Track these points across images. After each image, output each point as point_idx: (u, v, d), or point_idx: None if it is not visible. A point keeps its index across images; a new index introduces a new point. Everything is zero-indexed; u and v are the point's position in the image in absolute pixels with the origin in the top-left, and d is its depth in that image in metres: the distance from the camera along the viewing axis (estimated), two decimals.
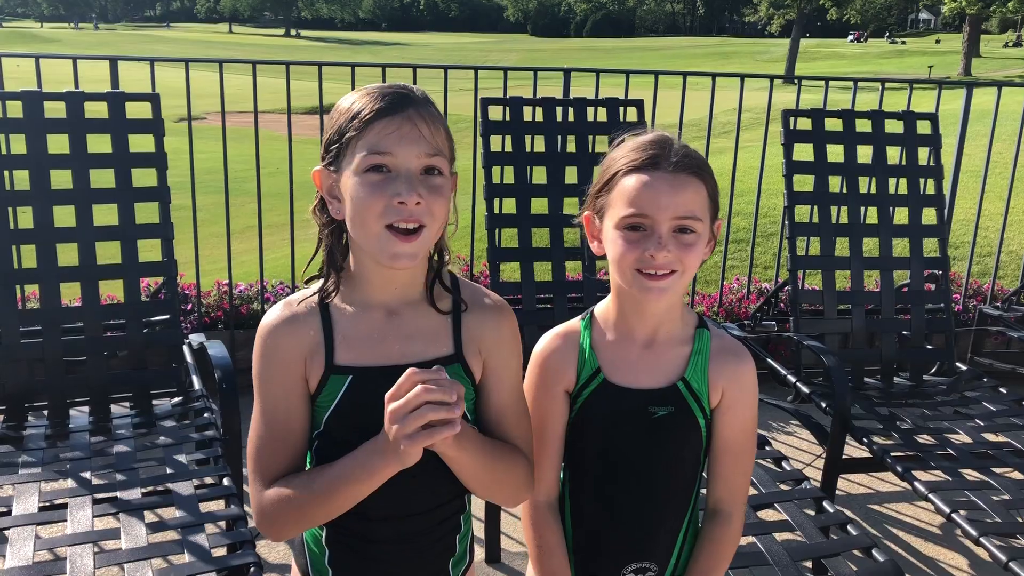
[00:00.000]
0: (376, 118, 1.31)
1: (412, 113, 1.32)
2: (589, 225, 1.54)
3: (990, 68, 40.29)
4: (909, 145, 3.81)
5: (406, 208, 1.30)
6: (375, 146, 1.31)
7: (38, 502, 2.34)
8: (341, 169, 1.35)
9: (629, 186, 1.43)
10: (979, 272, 5.59)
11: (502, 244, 3.53)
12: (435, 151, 1.33)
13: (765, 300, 4.38)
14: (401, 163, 1.31)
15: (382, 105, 1.32)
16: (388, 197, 1.30)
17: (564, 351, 1.56)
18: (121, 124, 3.19)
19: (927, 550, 3.19)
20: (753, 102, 5.11)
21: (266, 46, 74.39)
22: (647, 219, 1.41)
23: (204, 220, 4.20)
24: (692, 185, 1.43)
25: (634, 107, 3.77)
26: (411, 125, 1.31)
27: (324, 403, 1.38)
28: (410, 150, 1.31)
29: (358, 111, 1.33)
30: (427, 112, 1.34)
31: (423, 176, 1.33)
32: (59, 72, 3.75)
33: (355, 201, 1.33)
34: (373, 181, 1.31)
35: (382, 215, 1.31)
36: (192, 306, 4.22)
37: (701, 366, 1.52)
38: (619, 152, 1.49)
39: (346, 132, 1.33)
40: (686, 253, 1.42)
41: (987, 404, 3.33)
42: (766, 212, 6.49)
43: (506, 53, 66.49)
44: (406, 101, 1.33)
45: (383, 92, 1.34)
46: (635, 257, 1.42)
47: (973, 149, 4.87)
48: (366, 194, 1.31)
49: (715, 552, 1.58)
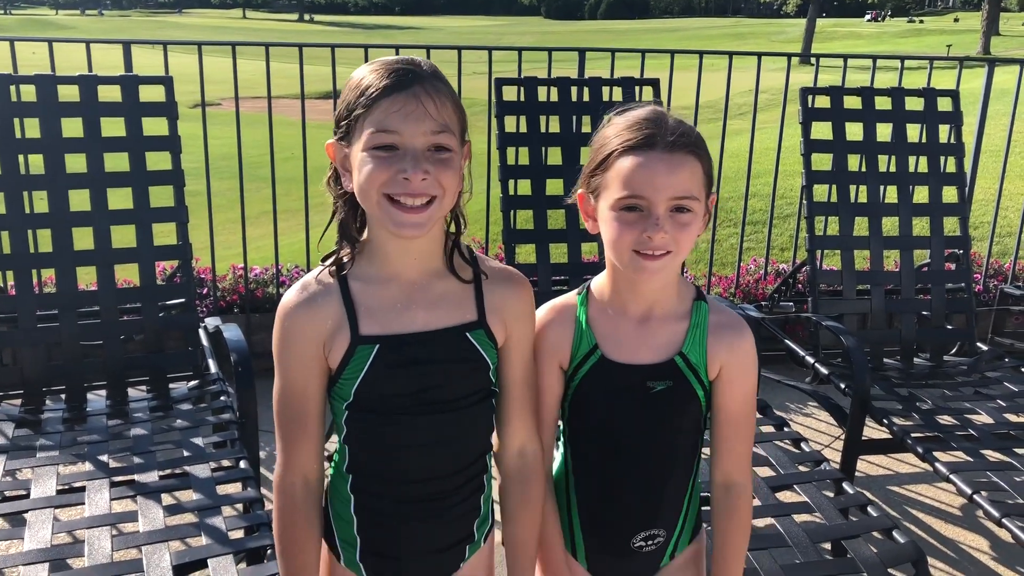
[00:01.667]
0: (382, 96, 1.31)
1: (418, 90, 1.32)
2: (583, 204, 1.53)
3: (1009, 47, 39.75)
4: (930, 122, 3.76)
5: (410, 184, 1.32)
6: (381, 124, 1.31)
7: (56, 485, 2.35)
8: (351, 143, 1.36)
9: (624, 167, 1.41)
10: (999, 252, 5.52)
11: (517, 226, 3.52)
12: (441, 127, 1.33)
13: (783, 281, 4.35)
14: (407, 141, 1.32)
15: (388, 82, 1.32)
16: (393, 171, 1.32)
17: (560, 325, 1.56)
18: (135, 108, 3.18)
19: (948, 532, 3.16)
20: (769, 83, 5.06)
21: (280, 31, 74.37)
22: (643, 200, 1.40)
23: (219, 206, 4.20)
24: (688, 164, 1.41)
25: (650, 87, 3.73)
26: (416, 103, 1.31)
27: (352, 374, 1.40)
28: (416, 128, 1.31)
29: (366, 87, 1.33)
30: (434, 88, 1.34)
31: (430, 152, 1.33)
32: (73, 59, 3.75)
33: (361, 175, 1.34)
34: (379, 157, 1.32)
35: (384, 185, 1.33)
36: (208, 290, 4.22)
37: (699, 340, 1.52)
38: (612, 130, 1.46)
39: (354, 109, 1.34)
40: (682, 232, 1.41)
41: (1008, 384, 3.28)
42: (783, 194, 6.44)
43: (520, 36, 66.21)
44: (413, 77, 1.33)
45: (390, 68, 1.34)
46: (632, 239, 1.40)
47: (993, 128, 4.80)
48: (371, 168, 1.33)
49: (738, 523, 1.59)
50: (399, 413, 1.41)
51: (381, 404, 1.40)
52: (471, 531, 1.55)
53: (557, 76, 3.69)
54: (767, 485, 2.47)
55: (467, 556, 1.56)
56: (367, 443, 1.45)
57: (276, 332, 1.43)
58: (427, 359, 1.41)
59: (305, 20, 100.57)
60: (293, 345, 1.41)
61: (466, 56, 4.28)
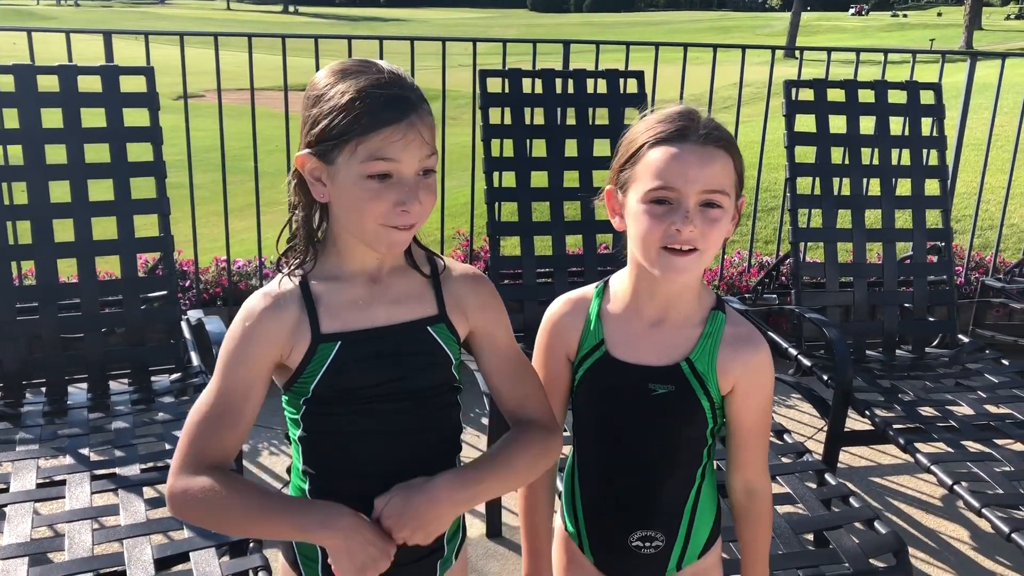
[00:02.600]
0: (381, 126, 1.30)
1: (415, 119, 1.32)
2: (611, 200, 1.50)
3: (992, 41, 40.01)
4: (912, 115, 3.78)
5: (408, 216, 1.33)
6: (379, 153, 1.30)
7: (36, 479, 2.33)
8: (334, 163, 1.33)
9: (656, 158, 1.38)
10: (981, 245, 5.56)
11: (502, 218, 3.51)
12: (432, 151, 1.35)
13: (766, 273, 4.36)
14: (404, 169, 1.32)
15: (387, 114, 1.30)
16: (391, 204, 1.32)
17: (571, 317, 1.55)
18: (115, 98, 3.15)
19: (929, 522, 3.19)
20: (754, 76, 5.06)
21: (264, 23, 73.92)
22: (674, 192, 1.37)
23: (204, 198, 4.17)
24: (720, 158, 1.38)
25: (634, 79, 3.72)
26: (415, 133, 1.31)
27: (312, 372, 1.38)
28: (413, 156, 1.32)
29: (360, 112, 1.30)
30: (425, 111, 1.34)
31: (420, 177, 1.34)
32: (54, 50, 3.71)
33: (355, 202, 1.33)
34: (376, 187, 1.31)
35: (383, 217, 1.32)
36: (191, 283, 4.20)
37: (709, 349, 1.49)
38: (643, 125, 1.44)
39: (346, 133, 1.30)
40: (711, 229, 1.37)
41: (989, 376, 3.31)
42: (767, 186, 6.46)
43: (506, 28, 66.05)
44: (407, 106, 1.32)
45: (381, 93, 1.31)
46: (661, 232, 1.37)
47: (975, 122, 4.83)
48: (368, 199, 1.31)
49: (762, 527, 1.62)
50: (359, 403, 1.40)
51: (340, 397, 1.39)
52: (440, 543, 1.50)
53: (542, 68, 3.69)
54: None
55: (439, 574, 1.52)
56: (324, 438, 1.43)
57: (235, 334, 1.39)
58: (388, 352, 1.41)
59: (290, 11, 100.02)
60: (252, 346, 1.38)
61: (451, 48, 4.27)
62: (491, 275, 3.47)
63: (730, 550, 1.92)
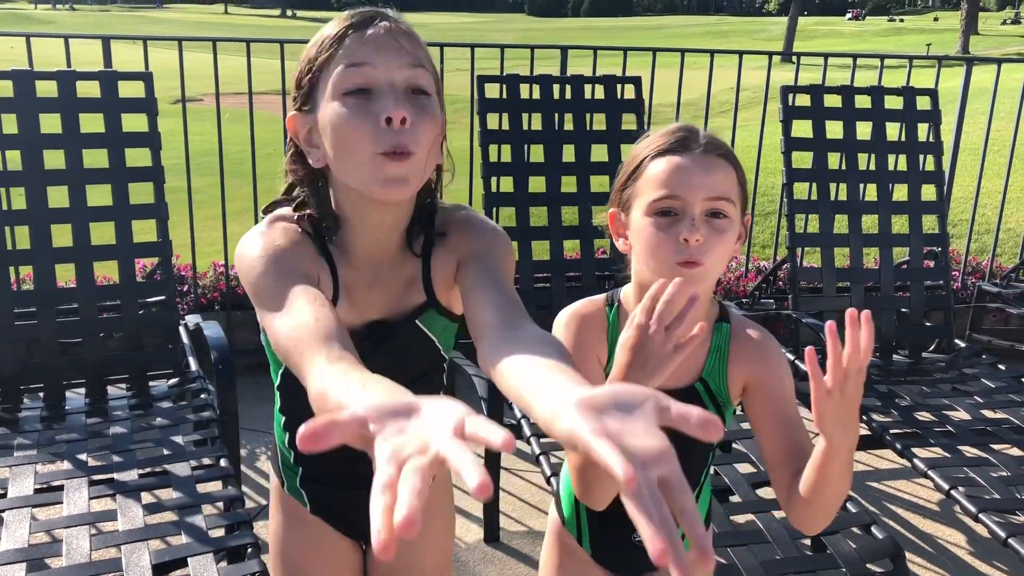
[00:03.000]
0: (348, 32, 1.19)
1: (388, 24, 1.20)
2: (614, 222, 1.47)
3: (988, 46, 40.09)
4: (909, 121, 3.78)
5: (394, 128, 1.16)
6: (351, 59, 1.17)
7: (33, 484, 2.33)
8: (317, 105, 1.21)
9: (658, 169, 1.37)
10: (977, 249, 5.57)
11: (499, 223, 3.50)
12: (417, 62, 1.20)
13: (763, 278, 4.37)
14: (382, 75, 1.17)
15: (354, 20, 1.20)
16: (373, 117, 1.16)
17: (598, 327, 1.49)
18: (114, 103, 3.15)
19: (926, 527, 3.19)
20: (751, 81, 5.07)
21: (262, 26, 73.91)
22: (678, 200, 1.35)
23: (202, 202, 4.17)
24: (723, 166, 1.38)
25: (632, 84, 3.73)
26: (389, 35, 1.19)
27: None
28: (390, 59, 1.18)
29: (326, 35, 1.21)
30: (404, 25, 1.22)
31: (408, 96, 1.19)
32: (53, 55, 3.72)
33: (337, 130, 1.18)
34: (354, 103, 1.17)
35: (372, 140, 1.16)
36: (189, 287, 4.20)
37: (719, 365, 1.49)
38: (643, 143, 1.43)
39: (316, 59, 1.20)
40: (717, 240, 1.34)
41: (986, 381, 3.32)
42: (764, 191, 6.47)
43: (503, 33, 66.12)
44: (379, 14, 1.22)
45: (352, 12, 1.23)
46: (671, 247, 1.33)
47: (972, 127, 4.84)
48: (348, 118, 1.17)
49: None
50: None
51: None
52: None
53: (539, 74, 3.69)
54: (747, 482, 2.49)
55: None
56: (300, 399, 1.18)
57: (265, 263, 1.23)
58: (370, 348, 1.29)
59: (287, 15, 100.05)
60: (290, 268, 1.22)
61: (449, 53, 4.28)
62: None
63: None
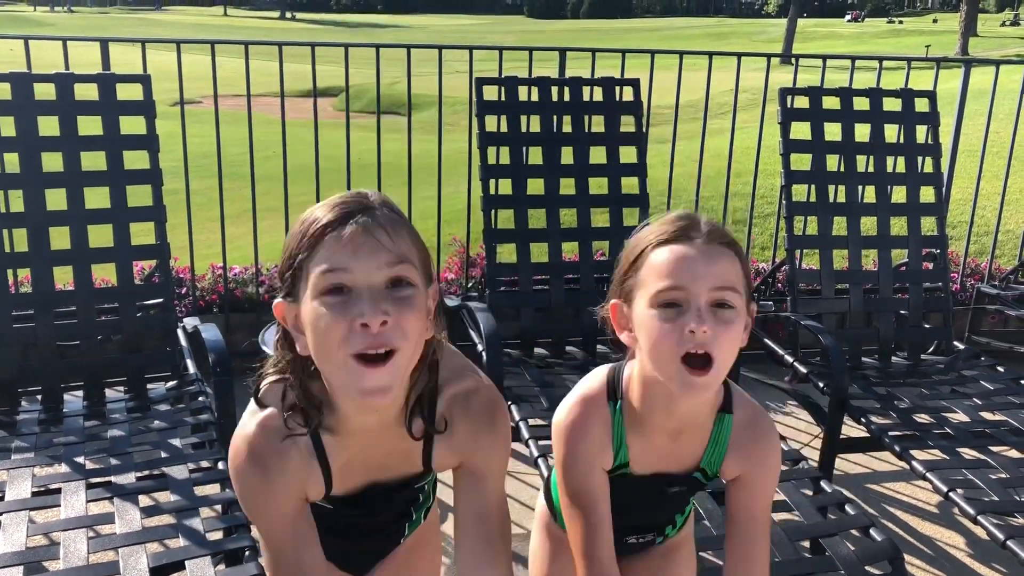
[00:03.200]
0: (325, 233, 1.18)
1: (366, 221, 1.18)
2: (616, 315, 1.43)
3: (987, 47, 40.08)
4: (907, 123, 3.79)
5: (370, 331, 1.16)
6: (328, 264, 1.17)
7: (31, 487, 2.33)
8: (299, 298, 1.22)
9: (661, 259, 1.33)
10: (976, 251, 5.57)
11: (498, 226, 3.51)
12: (399, 259, 1.19)
13: (762, 280, 4.37)
14: (360, 279, 1.17)
15: (331, 217, 1.18)
16: (349, 320, 1.16)
17: (601, 433, 1.47)
18: (112, 106, 3.15)
19: (925, 529, 3.19)
20: (750, 83, 5.07)
21: (261, 28, 73.94)
22: (683, 292, 1.31)
23: (201, 204, 4.17)
24: (726, 256, 1.34)
25: (630, 86, 3.74)
26: (366, 234, 1.17)
27: None
28: (368, 262, 1.17)
29: (307, 228, 1.20)
30: (385, 217, 1.20)
31: (389, 290, 1.18)
32: (51, 57, 3.71)
33: (314, 329, 1.19)
34: (331, 303, 1.17)
35: (344, 342, 1.17)
36: (187, 290, 4.20)
37: (717, 455, 1.50)
38: (643, 232, 1.40)
39: (297, 254, 1.20)
40: (725, 331, 1.31)
41: (984, 383, 3.32)
42: (763, 193, 6.46)
43: (503, 35, 66.13)
44: (358, 209, 1.19)
45: (334, 203, 1.21)
46: (675, 339, 1.30)
47: (970, 128, 4.84)
48: (325, 320, 1.17)
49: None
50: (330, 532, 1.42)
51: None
52: (408, 510, 1.56)
53: (538, 76, 3.69)
54: None
55: (407, 532, 1.59)
56: None
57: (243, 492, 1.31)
58: (365, 512, 1.43)
59: (287, 17, 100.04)
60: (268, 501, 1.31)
61: (448, 54, 4.28)
62: (487, 282, 3.48)
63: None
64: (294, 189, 4.27)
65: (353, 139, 4.16)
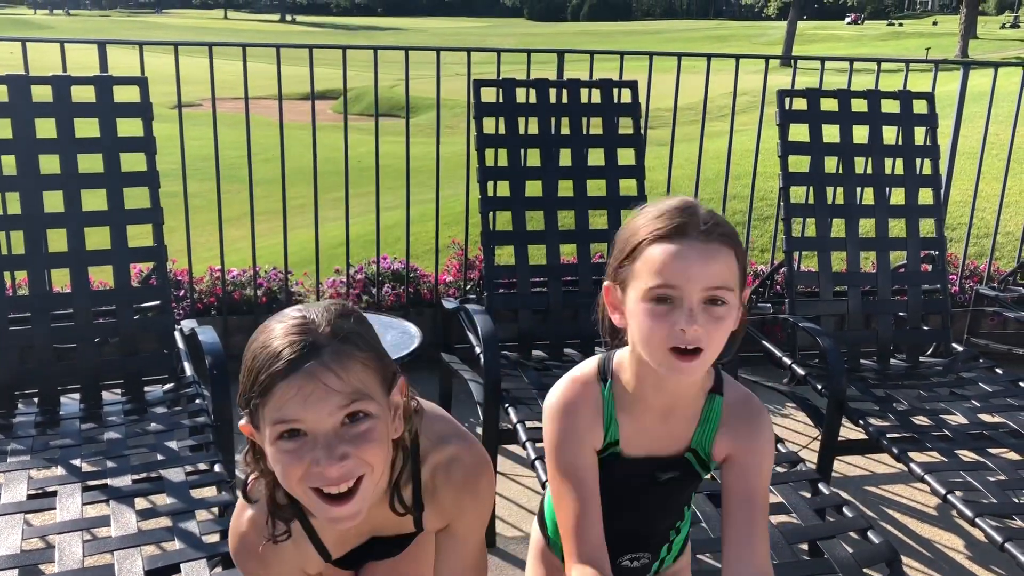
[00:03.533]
0: (274, 382, 1.17)
1: (314, 366, 1.17)
2: (609, 295, 1.45)
3: (987, 49, 40.12)
4: (905, 125, 3.78)
5: (326, 475, 1.20)
6: (279, 415, 1.18)
7: (27, 490, 2.32)
8: (259, 428, 1.24)
9: (655, 256, 1.33)
10: (975, 253, 5.56)
11: (496, 228, 3.51)
12: (351, 398, 1.19)
13: (760, 282, 4.36)
14: (313, 426, 1.19)
15: (279, 367, 1.17)
16: (306, 465, 1.20)
17: (592, 411, 1.47)
18: (109, 108, 3.15)
19: (923, 531, 3.18)
20: (749, 85, 5.08)
21: (261, 31, 74.04)
22: (676, 290, 1.31)
23: (200, 207, 4.17)
24: (723, 254, 1.33)
25: (628, 88, 3.73)
26: (314, 382, 1.17)
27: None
28: (320, 410, 1.18)
29: (257, 371, 1.19)
30: (333, 355, 1.19)
31: (345, 427, 1.21)
32: (51, 60, 3.71)
33: (275, 465, 1.23)
34: (288, 449, 1.20)
35: (304, 479, 1.21)
36: (185, 292, 4.19)
37: (707, 435, 1.50)
38: (641, 220, 1.39)
39: (251, 397, 1.21)
40: (716, 327, 1.32)
41: (983, 385, 3.31)
42: (762, 195, 6.46)
43: (503, 37, 66.21)
44: (306, 351, 1.18)
45: (283, 339, 1.19)
46: (664, 334, 1.32)
47: (969, 130, 4.84)
48: (283, 464, 1.21)
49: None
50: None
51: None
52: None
53: (535, 78, 3.69)
54: None
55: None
56: None
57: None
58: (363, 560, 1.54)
59: (287, 21, 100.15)
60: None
61: (447, 57, 4.28)
62: (486, 284, 3.47)
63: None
64: (292, 192, 4.26)
65: (352, 142, 4.15)
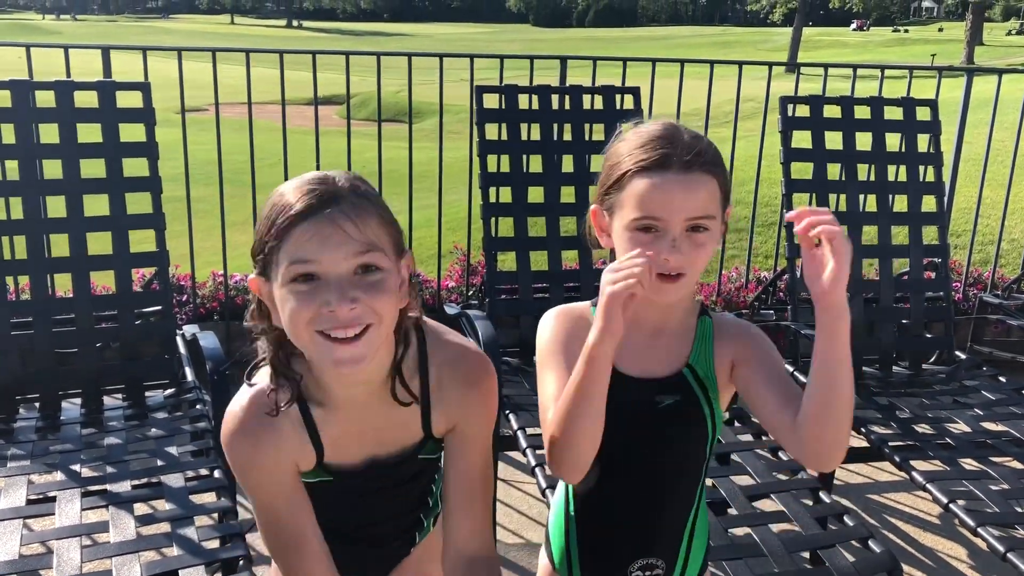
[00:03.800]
0: (293, 224, 1.21)
1: (333, 212, 1.21)
2: (596, 218, 1.50)
3: (993, 56, 40.11)
4: (908, 132, 3.77)
5: (337, 316, 1.22)
6: (295, 255, 1.21)
7: (26, 495, 2.32)
8: (271, 279, 1.27)
9: (639, 188, 1.38)
10: (980, 260, 5.55)
11: (498, 234, 3.51)
12: (366, 247, 1.23)
13: (763, 289, 4.35)
14: (328, 269, 1.22)
15: (299, 208, 1.21)
16: (317, 306, 1.22)
17: (584, 325, 1.46)
18: (112, 113, 3.16)
19: (925, 540, 3.17)
20: (753, 91, 5.07)
21: (267, 37, 74.27)
22: (659, 222, 1.37)
23: (203, 211, 4.18)
24: (705, 183, 1.38)
25: (631, 95, 3.73)
26: (333, 226, 1.20)
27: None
28: (335, 254, 1.21)
29: (275, 216, 1.23)
30: (352, 206, 1.23)
31: (358, 276, 1.23)
32: (56, 65, 3.72)
33: (284, 311, 1.25)
34: (300, 291, 1.23)
35: (312, 322, 1.23)
36: (188, 297, 4.20)
37: (705, 352, 1.50)
38: (625, 147, 1.42)
39: (267, 241, 1.24)
40: (698, 252, 1.39)
41: (986, 393, 3.30)
42: (766, 202, 6.45)
43: (508, 43, 66.32)
44: (325, 199, 1.22)
45: (302, 190, 1.23)
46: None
47: (974, 137, 4.83)
48: (294, 305, 1.23)
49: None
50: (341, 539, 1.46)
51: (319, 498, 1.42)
52: (420, 518, 1.60)
53: (538, 84, 3.69)
54: (744, 494, 2.47)
55: (417, 540, 1.62)
56: None
57: (235, 462, 1.37)
58: (372, 490, 1.46)
59: (293, 26, 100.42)
60: (260, 470, 1.36)
61: (451, 63, 4.28)
62: (487, 291, 3.47)
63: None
64: None
65: (356, 147, 4.16)
